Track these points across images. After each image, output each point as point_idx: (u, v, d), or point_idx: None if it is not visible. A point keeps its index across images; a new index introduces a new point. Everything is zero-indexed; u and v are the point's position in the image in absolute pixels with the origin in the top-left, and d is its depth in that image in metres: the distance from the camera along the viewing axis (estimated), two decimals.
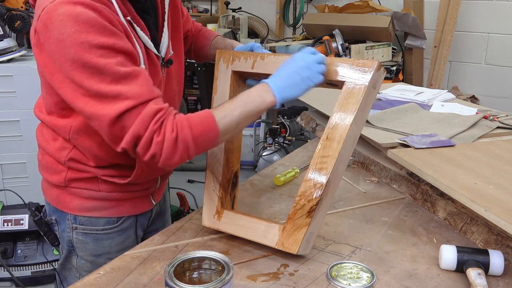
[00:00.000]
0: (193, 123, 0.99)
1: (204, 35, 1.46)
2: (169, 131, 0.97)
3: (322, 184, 1.02)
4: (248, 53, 1.19)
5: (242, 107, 1.03)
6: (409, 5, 3.52)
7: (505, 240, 1.09)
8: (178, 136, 0.98)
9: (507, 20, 3.46)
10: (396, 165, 1.48)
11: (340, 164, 1.05)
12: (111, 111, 0.96)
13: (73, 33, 0.93)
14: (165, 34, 1.19)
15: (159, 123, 0.97)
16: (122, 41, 0.99)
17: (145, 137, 0.97)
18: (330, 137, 1.03)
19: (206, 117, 1.01)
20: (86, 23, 0.94)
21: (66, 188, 1.20)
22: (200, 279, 0.89)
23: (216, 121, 1.01)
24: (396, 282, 1.00)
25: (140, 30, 1.08)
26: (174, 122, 0.98)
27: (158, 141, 0.97)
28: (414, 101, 1.97)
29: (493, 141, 1.54)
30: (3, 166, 2.42)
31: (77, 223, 1.22)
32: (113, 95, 0.95)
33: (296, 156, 1.78)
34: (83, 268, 1.26)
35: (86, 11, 0.94)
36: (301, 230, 1.04)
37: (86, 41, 0.93)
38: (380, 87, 1.09)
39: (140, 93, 0.97)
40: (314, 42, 3.54)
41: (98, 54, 0.94)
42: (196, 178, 3.91)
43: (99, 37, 0.94)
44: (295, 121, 3.51)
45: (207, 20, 4.55)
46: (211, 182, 1.20)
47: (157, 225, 1.41)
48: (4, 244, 2.38)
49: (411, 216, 1.30)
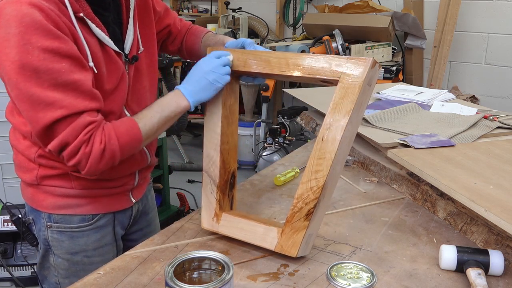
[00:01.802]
0: (119, 134, 1.05)
1: (194, 32, 1.44)
2: (98, 143, 1.02)
3: (319, 187, 1.01)
4: (239, 51, 1.17)
5: (160, 113, 1.11)
6: (409, 5, 3.52)
7: (505, 240, 1.09)
8: (106, 148, 1.03)
9: (507, 20, 3.46)
10: (396, 165, 1.48)
11: (337, 165, 1.03)
12: (45, 118, 0.98)
13: (17, 34, 0.93)
14: (130, 31, 1.19)
15: (88, 135, 1.01)
16: (67, 45, 0.99)
17: (73, 145, 1.01)
18: (326, 138, 1.01)
19: (131, 126, 1.08)
20: (31, 25, 0.94)
21: (39, 186, 1.21)
22: (200, 279, 0.89)
23: (140, 129, 1.08)
24: (396, 282, 1.00)
25: (96, 26, 1.08)
26: (103, 133, 1.03)
27: (85, 151, 1.02)
28: (414, 101, 1.97)
29: (493, 141, 1.54)
30: (3, 166, 2.42)
31: (52, 221, 1.22)
32: (47, 102, 0.97)
33: (296, 156, 1.78)
34: (60, 266, 1.26)
35: (32, 13, 0.94)
36: (300, 232, 1.04)
37: (29, 43, 0.94)
38: (375, 84, 1.06)
39: (75, 104, 0.99)
40: (314, 42, 3.54)
41: (41, 58, 0.95)
42: (196, 178, 3.92)
43: (43, 40, 0.95)
44: (295, 121, 3.51)
45: (207, 20, 4.56)
46: (208, 184, 1.19)
47: (141, 225, 1.41)
48: (4, 244, 2.38)
49: (411, 216, 1.30)
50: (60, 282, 1.27)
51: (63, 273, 1.26)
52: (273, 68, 1.10)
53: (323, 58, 1.05)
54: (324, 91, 2.01)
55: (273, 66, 1.10)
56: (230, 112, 1.20)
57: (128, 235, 1.39)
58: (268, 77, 1.19)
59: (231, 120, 1.20)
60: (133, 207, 1.35)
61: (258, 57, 1.13)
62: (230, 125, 1.20)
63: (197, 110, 1.24)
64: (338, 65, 1.02)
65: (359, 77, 1.00)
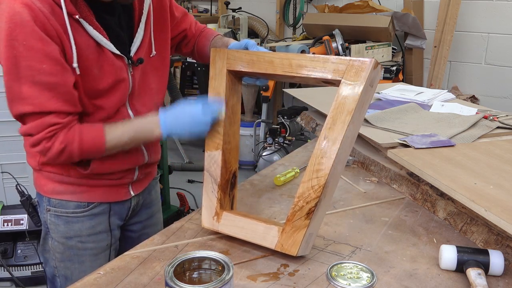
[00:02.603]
0: (83, 139, 1.11)
1: (205, 35, 1.47)
2: (58, 142, 1.09)
3: (320, 186, 1.01)
4: (243, 52, 1.18)
5: (132, 134, 1.16)
6: (409, 5, 3.52)
7: (505, 240, 1.09)
8: (65, 148, 1.10)
9: (507, 20, 3.46)
10: (396, 165, 1.48)
11: (338, 165, 1.04)
12: (15, 109, 1.08)
13: (7, 29, 1.01)
14: (139, 34, 1.23)
15: (51, 133, 1.09)
16: (50, 47, 1.04)
17: (35, 138, 1.09)
18: (328, 138, 1.02)
19: (97, 136, 1.12)
20: (19, 24, 1.01)
21: (40, 171, 1.27)
22: (200, 279, 0.89)
23: (105, 141, 1.13)
24: (396, 282, 1.00)
25: (94, 29, 1.11)
26: (67, 134, 1.10)
27: (46, 146, 1.10)
28: (414, 101, 1.97)
29: (493, 141, 1.54)
30: (3, 166, 2.42)
31: (51, 205, 1.27)
32: (21, 96, 1.05)
33: (296, 156, 1.78)
34: (56, 249, 1.30)
35: (22, 12, 1.01)
36: (300, 231, 1.04)
37: (16, 40, 1.01)
38: (377, 85, 1.07)
39: (45, 104, 1.06)
40: (314, 42, 3.54)
41: (24, 55, 1.02)
42: (196, 178, 3.92)
43: (28, 39, 1.02)
44: (295, 121, 3.51)
45: (207, 20, 4.56)
46: (210, 184, 1.19)
47: (141, 217, 1.44)
48: (4, 244, 2.38)
49: (411, 216, 1.30)
50: (57, 265, 1.32)
51: (59, 257, 1.31)
52: (276, 69, 1.11)
53: (326, 59, 1.05)
54: (324, 91, 2.01)
55: (276, 66, 1.11)
56: (232, 112, 1.20)
57: (128, 225, 1.43)
58: (271, 78, 1.19)
59: (233, 120, 1.21)
60: (132, 200, 1.37)
61: (262, 58, 1.13)
62: (232, 125, 1.20)
63: None
64: (340, 66, 1.03)
65: (361, 78, 1.00)
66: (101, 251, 1.33)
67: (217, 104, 1.16)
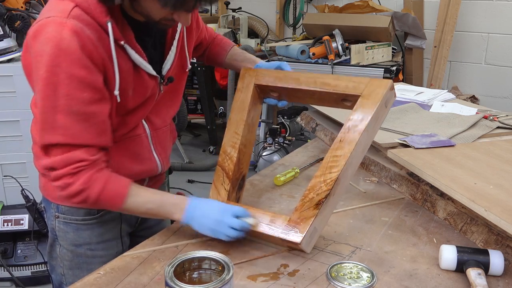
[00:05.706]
0: (105, 190, 1.06)
1: (219, 44, 1.48)
2: (80, 183, 1.04)
3: (333, 179, 1.08)
4: (272, 70, 1.30)
5: (154, 206, 1.10)
6: (409, 5, 3.52)
7: (505, 240, 1.09)
8: (84, 190, 1.04)
9: (507, 20, 3.46)
10: (396, 165, 1.48)
11: (349, 166, 1.10)
12: (45, 138, 1.03)
13: (51, 54, 0.97)
14: (172, 52, 1.21)
15: (76, 170, 1.04)
16: (94, 76, 1.02)
17: (59, 172, 1.04)
18: (344, 139, 1.11)
19: (120, 193, 1.08)
20: (64, 50, 0.97)
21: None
22: (200, 279, 0.89)
23: (125, 201, 1.08)
24: (396, 282, 1.00)
25: (135, 53, 1.09)
26: (91, 176, 1.05)
27: (67, 182, 1.04)
28: (414, 101, 1.97)
29: (493, 141, 1.54)
30: (3, 166, 2.42)
31: (59, 212, 1.25)
32: (54, 125, 1.01)
33: (296, 156, 1.78)
34: (65, 257, 1.28)
35: (70, 40, 0.97)
36: (307, 221, 1.07)
37: (58, 66, 0.97)
38: (390, 107, 1.19)
39: (78, 136, 1.02)
40: (314, 42, 3.54)
41: (65, 82, 0.98)
42: (196, 178, 3.91)
43: (72, 67, 0.98)
44: (295, 121, 3.51)
45: (207, 20, 4.55)
46: (221, 177, 1.25)
47: (150, 222, 1.43)
48: (4, 244, 2.38)
49: (411, 216, 1.30)
50: (65, 273, 1.30)
51: (67, 264, 1.28)
52: (301, 84, 1.24)
53: (348, 78, 1.19)
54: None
55: (301, 82, 1.24)
56: (251, 122, 1.32)
57: (138, 232, 1.41)
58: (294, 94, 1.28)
59: (251, 129, 1.32)
60: None
61: (289, 76, 1.26)
62: (249, 133, 1.31)
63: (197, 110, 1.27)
64: (360, 83, 1.16)
65: (379, 93, 1.13)
66: (111, 259, 1.30)
67: (248, 220, 1.10)
